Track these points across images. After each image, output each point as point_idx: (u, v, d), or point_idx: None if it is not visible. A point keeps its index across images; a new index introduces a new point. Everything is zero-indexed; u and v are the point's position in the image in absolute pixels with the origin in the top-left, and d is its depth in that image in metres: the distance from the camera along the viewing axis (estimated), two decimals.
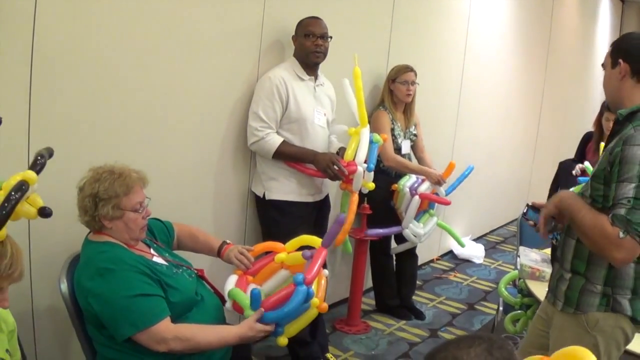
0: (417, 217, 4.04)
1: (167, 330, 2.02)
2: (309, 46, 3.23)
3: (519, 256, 3.27)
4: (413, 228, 3.97)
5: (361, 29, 4.08)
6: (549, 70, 7.41)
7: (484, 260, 5.80)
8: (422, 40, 4.83)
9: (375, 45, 4.28)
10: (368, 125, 3.41)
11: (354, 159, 3.25)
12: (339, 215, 2.33)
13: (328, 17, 3.37)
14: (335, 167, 3.18)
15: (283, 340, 2.28)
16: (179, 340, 2.03)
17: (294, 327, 2.29)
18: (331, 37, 3.31)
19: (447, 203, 4.05)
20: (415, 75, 4.01)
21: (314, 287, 2.26)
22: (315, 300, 2.26)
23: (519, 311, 3.17)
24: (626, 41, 2.03)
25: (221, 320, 2.34)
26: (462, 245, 4.53)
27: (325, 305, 2.31)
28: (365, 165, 3.32)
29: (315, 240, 2.50)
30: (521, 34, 6.56)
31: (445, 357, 1.18)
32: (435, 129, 4.97)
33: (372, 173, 3.39)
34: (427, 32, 4.88)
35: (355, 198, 3.32)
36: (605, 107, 4.62)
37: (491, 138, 6.21)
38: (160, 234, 2.46)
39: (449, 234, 4.41)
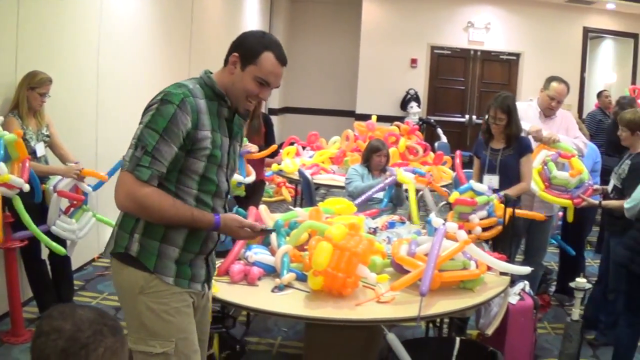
0: (72, 213, 4.55)
1: None
2: None
3: None
4: (62, 224, 4.43)
5: None
6: (193, 56, 8.28)
7: None
8: (52, 39, 5.17)
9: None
10: None
11: None
12: None
13: None
14: None
15: None
16: None
17: None
18: None
19: (80, 199, 4.58)
20: None
21: None
22: None
23: None
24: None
25: None
26: None
27: None
28: None
29: None
30: (161, 21, 7.28)
31: (64, 310, 1.57)
32: (74, 127, 5.40)
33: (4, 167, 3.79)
34: (56, 30, 5.22)
35: None
36: None
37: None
38: None
39: (112, 227, 4.91)
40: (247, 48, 2.47)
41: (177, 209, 2.39)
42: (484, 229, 4.27)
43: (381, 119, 9.00)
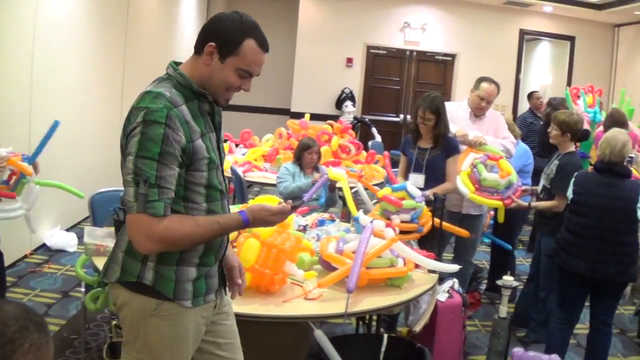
0: (13, 188, 4.43)
1: None
2: None
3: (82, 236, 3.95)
4: (3, 208, 4.37)
5: None
6: (128, 52, 8.27)
7: (78, 248, 6.49)
8: None
9: None
10: None
11: None
12: None
13: None
14: None
15: None
16: None
17: None
18: None
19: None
20: None
21: None
22: None
23: (99, 289, 3.82)
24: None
25: None
26: (80, 196, 4.88)
27: None
28: None
29: None
30: (96, 17, 7.28)
31: None
32: (6, 123, 5.38)
33: None
34: None
35: None
36: None
37: (72, 125, 6.78)
38: None
39: (61, 188, 4.86)
40: (225, 37, 2.27)
41: (202, 227, 2.26)
42: (402, 232, 4.27)
43: (316, 117, 9.12)
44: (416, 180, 4.84)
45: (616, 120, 6.49)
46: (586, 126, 6.86)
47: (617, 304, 4.53)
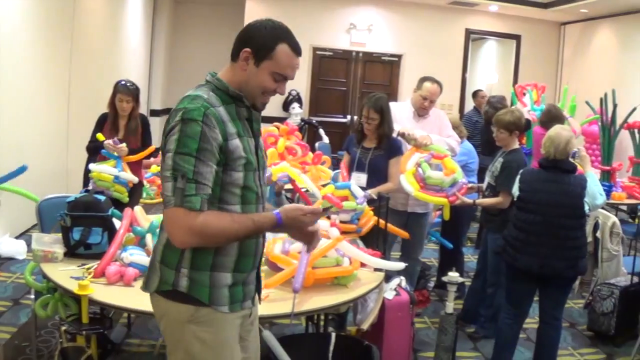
0: None
1: None
2: None
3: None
4: None
5: None
6: (74, 57, 8.24)
7: (28, 255, 6.49)
8: None
9: None
10: None
11: None
12: None
13: None
14: None
15: None
16: None
17: None
18: None
19: None
20: None
21: None
22: None
23: (48, 295, 3.78)
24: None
25: None
26: (36, 200, 4.82)
27: None
28: None
29: None
30: (41, 22, 7.26)
31: None
32: None
33: None
34: None
35: None
36: (117, 89, 5.59)
37: (19, 132, 6.81)
38: None
39: (19, 193, 4.99)
40: (259, 42, 2.41)
41: (238, 223, 2.33)
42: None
43: (263, 119, 9.07)
44: (359, 179, 4.94)
45: (554, 115, 6.68)
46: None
47: (566, 299, 4.63)
